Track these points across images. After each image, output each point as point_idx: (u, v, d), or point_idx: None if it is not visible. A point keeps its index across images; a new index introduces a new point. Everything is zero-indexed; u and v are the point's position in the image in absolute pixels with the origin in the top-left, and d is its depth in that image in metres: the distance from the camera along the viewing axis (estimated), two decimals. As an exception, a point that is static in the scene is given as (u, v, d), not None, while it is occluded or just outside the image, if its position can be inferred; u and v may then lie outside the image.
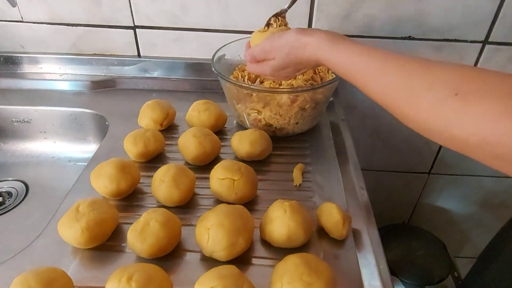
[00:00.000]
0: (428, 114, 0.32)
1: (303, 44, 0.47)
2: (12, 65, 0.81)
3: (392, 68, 0.37)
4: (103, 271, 0.43)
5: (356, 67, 0.42)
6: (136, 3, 0.73)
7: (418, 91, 0.33)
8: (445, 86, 0.31)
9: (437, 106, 0.31)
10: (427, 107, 0.32)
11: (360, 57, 0.42)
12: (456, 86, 0.31)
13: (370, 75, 0.40)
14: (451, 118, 0.30)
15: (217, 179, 0.50)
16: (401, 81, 0.36)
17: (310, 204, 0.52)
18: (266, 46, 0.51)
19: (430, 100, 0.32)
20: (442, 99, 0.31)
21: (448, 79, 0.32)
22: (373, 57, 0.40)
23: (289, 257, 0.40)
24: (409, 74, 0.35)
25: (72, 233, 0.43)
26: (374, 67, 0.39)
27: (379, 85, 0.38)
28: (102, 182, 0.50)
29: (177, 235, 0.45)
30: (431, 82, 0.33)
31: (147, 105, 0.66)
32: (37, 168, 0.74)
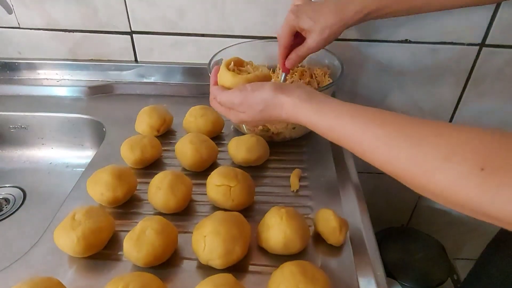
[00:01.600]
0: (449, 189, 0.29)
1: (280, 103, 0.42)
2: (9, 71, 0.81)
3: (396, 135, 0.33)
4: (100, 280, 0.43)
5: (348, 132, 0.36)
6: (133, 8, 0.73)
7: (434, 163, 0.29)
8: (466, 159, 0.28)
9: (460, 183, 0.28)
10: (447, 182, 0.29)
11: (352, 121, 0.36)
12: (479, 159, 0.27)
13: (369, 144, 0.34)
14: (480, 197, 0.27)
15: (214, 185, 0.50)
16: (410, 151, 0.31)
17: (307, 210, 0.52)
18: (236, 99, 0.45)
19: (450, 175, 0.28)
20: (466, 175, 0.28)
21: (468, 149, 0.28)
22: (369, 118, 0.35)
23: (285, 265, 0.40)
24: (419, 142, 0.31)
25: (68, 242, 0.43)
26: (373, 134, 0.34)
27: (383, 155, 0.33)
28: (99, 190, 0.50)
29: (173, 243, 0.45)
30: (445, 152, 0.29)
31: (144, 111, 0.66)
32: (34, 174, 0.74)
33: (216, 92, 0.48)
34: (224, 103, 0.47)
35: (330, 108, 0.39)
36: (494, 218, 0.27)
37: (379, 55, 0.76)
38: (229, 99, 0.46)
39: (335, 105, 0.39)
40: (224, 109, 0.48)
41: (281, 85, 0.43)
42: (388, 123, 0.34)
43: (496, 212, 0.26)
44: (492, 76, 0.78)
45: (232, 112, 0.47)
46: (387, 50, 0.76)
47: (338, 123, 0.37)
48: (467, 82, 0.79)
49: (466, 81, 0.79)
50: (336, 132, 0.38)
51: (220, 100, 0.47)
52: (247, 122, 0.47)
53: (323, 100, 0.40)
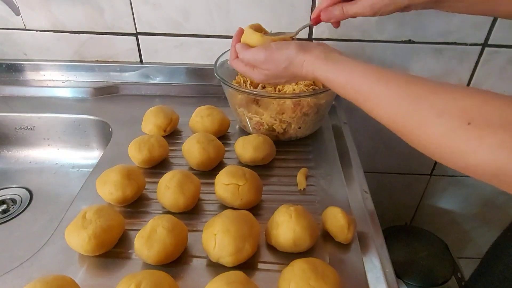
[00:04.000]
0: (439, 143, 0.32)
1: (300, 61, 0.45)
2: (15, 73, 0.81)
3: (398, 91, 0.36)
4: (111, 278, 0.43)
5: (358, 88, 0.39)
6: (138, 10, 0.74)
7: (427, 119, 0.32)
8: (456, 115, 0.30)
9: (448, 135, 0.31)
10: (438, 135, 0.31)
11: (363, 78, 0.39)
12: (467, 115, 0.30)
13: (374, 99, 0.37)
14: (464, 148, 0.30)
15: (222, 184, 0.51)
16: (408, 107, 0.34)
17: (315, 208, 0.53)
18: (261, 57, 0.48)
19: (441, 129, 0.31)
20: (454, 129, 0.30)
21: (458, 106, 0.31)
22: (376, 78, 0.38)
23: (296, 262, 0.41)
24: (417, 100, 0.34)
25: (79, 240, 0.43)
26: (378, 90, 0.37)
27: (385, 110, 0.36)
28: (108, 189, 0.50)
29: (184, 241, 0.45)
30: (440, 109, 0.32)
31: (151, 111, 0.67)
32: (40, 175, 0.75)
33: (240, 49, 0.50)
34: (248, 60, 0.49)
35: (344, 66, 0.41)
36: (475, 169, 0.30)
37: (382, 55, 0.77)
38: (254, 56, 0.48)
39: (349, 64, 0.41)
40: (247, 67, 0.50)
41: (303, 44, 0.46)
42: (393, 82, 0.36)
43: (477, 162, 0.29)
44: (495, 76, 0.78)
45: (256, 70, 0.49)
46: (390, 50, 0.76)
47: (349, 81, 0.40)
48: (470, 82, 0.80)
49: (469, 81, 0.80)
50: (347, 89, 0.41)
51: (244, 57, 0.49)
52: (269, 79, 0.49)
53: (339, 59, 0.43)
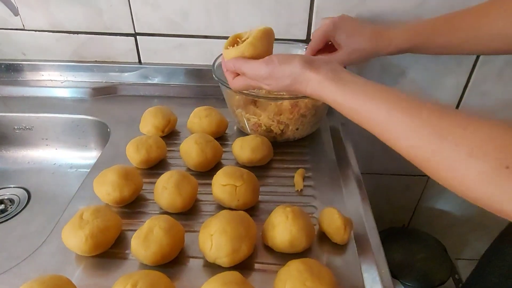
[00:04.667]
0: (470, 186, 0.28)
1: (306, 79, 0.42)
2: (13, 73, 0.81)
3: (420, 121, 0.31)
4: (107, 279, 0.43)
5: (372, 116, 0.35)
6: (137, 10, 0.74)
7: (456, 158, 0.29)
8: (492, 156, 0.27)
9: (482, 179, 0.27)
10: (470, 177, 0.28)
11: (377, 104, 0.35)
12: (505, 157, 0.27)
13: (392, 129, 0.34)
14: (501, 195, 0.27)
15: (219, 185, 0.51)
16: (433, 142, 0.30)
17: (312, 209, 0.53)
18: (262, 72, 0.44)
19: (473, 171, 0.28)
20: (489, 172, 0.27)
21: (495, 146, 0.27)
22: (393, 104, 0.34)
23: (292, 263, 0.41)
24: (444, 135, 0.30)
25: (76, 240, 0.43)
26: (397, 120, 0.33)
27: (406, 143, 0.33)
28: (105, 189, 0.51)
29: (181, 241, 0.45)
30: (472, 147, 0.28)
31: (149, 111, 0.67)
32: (39, 175, 0.75)
33: (239, 63, 0.46)
34: (248, 74, 0.46)
35: (355, 89, 0.38)
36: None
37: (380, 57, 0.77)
38: (255, 71, 0.45)
39: (361, 87, 0.38)
40: (244, 82, 0.48)
41: (309, 60, 0.42)
42: (414, 110, 0.32)
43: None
44: (492, 79, 0.78)
45: (258, 85, 0.47)
46: (388, 52, 0.76)
47: (362, 107, 0.36)
48: (467, 85, 0.80)
49: (466, 84, 0.80)
50: (361, 115, 0.37)
51: (245, 71, 0.46)
52: (272, 91, 0.47)
53: (350, 80, 0.39)
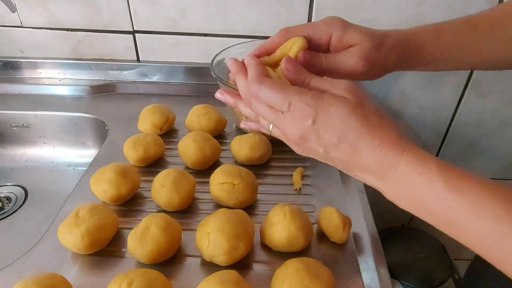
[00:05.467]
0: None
1: (389, 146, 0.29)
2: (11, 70, 0.81)
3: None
4: (104, 277, 0.43)
5: (451, 219, 0.27)
6: (135, 8, 0.74)
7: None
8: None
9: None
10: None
11: (455, 201, 0.26)
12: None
13: (475, 234, 0.26)
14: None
15: (217, 183, 0.50)
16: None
17: (310, 208, 0.53)
18: (334, 115, 0.29)
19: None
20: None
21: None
22: (477, 204, 0.26)
23: (289, 262, 0.40)
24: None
25: (72, 238, 0.43)
26: (487, 227, 0.25)
27: (500, 253, 0.26)
28: (102, 187, 0.50)
29: (178, 240, 0.45)
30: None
31: (147, 109, 0.66)
32: (36, 173, 0.74)
33: (256, 86, 0.31)
34: (272, 103, 0.31)
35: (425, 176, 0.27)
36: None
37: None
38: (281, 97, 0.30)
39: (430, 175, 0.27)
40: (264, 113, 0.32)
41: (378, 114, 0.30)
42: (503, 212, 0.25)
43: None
44: (493, 77, 0.78)
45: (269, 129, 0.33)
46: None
47: (437, 207, 0.27)
48: (468, 82, 0.79)
49: (467, 81, 0.79)
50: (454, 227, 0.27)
51: (265, 99, 0.31)
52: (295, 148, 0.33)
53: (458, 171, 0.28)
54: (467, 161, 0.91)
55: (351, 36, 0.36)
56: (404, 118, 0.85)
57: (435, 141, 0.89)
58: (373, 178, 0.30)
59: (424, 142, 0.89)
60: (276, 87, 0.31)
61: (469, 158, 0.90)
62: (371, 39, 0.36)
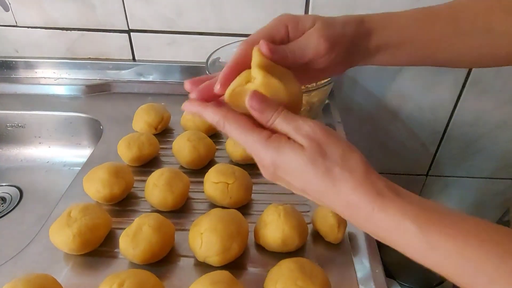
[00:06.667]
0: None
1: (357, 201, 0.28)
2: (6, 70, 0.80)
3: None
4: (96, 277, 0.42)
5: (440, 273, 0.26)
6: (131, 7, 0.73)
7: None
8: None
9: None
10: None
11: (443, 263, 0.25)
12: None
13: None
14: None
15: (211, 183, 0.50)
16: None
17: (306, 207, 0.52)
18: (291, 168, 0.29)
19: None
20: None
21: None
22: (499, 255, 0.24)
23: (283, 262, 0.40)
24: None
25: (64, 239, 0.43)
26: (480, 285, 0.24)
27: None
28: (95, 187, 0.50)
29: (170, 240, 0.44)
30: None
31: (142, 108, 0.66)
32: (31, 173, 0.74)
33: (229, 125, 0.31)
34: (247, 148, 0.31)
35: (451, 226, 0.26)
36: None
37: (377, 53, 0.76)
38: (254, 150, 0.30)
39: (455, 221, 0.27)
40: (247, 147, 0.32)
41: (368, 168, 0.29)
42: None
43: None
44: (491, 75, 0.77)
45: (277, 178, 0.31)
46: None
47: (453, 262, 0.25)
48: (466, 81, 0.79)
49: (465, 80, 0.79)
50: (447, 272, 0.26)
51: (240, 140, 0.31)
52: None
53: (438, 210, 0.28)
54: (465, 160, 0.90)
55: (304, 20, 0.36)
56: (402, 118, 0.85)
57: (433, 140, 0.88)
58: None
59: (422, 141, 0.88)
60: (239, 131, 0.31)
61: (467, 158, 0.90)
62: (322, 19, 0.36)
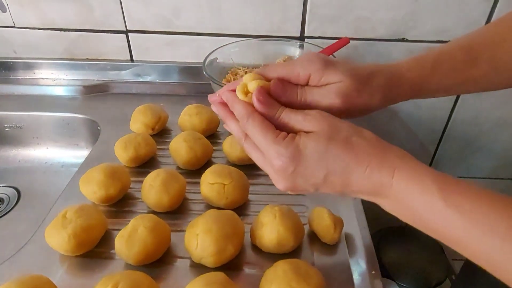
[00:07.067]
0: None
1: (379, 164, 0.29)
2: (4, 71, 0.81)
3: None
4: (91, 279, 0.42)
5: (455, 237, 0.27)
6: (128, 7, 0.73)
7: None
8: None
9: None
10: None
11: (457, 220, 0.26)
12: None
13: (481, 252, 0.26)
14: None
15: (208, 183, 0.50)
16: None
17: (302, 208, 0.52)
18: (313, 155, 0.30)
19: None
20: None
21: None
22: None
23: (278, 263, 0.40)
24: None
25: (59, 240, 0.42)
26: (492, 246, 0.25)
27: (507, 270, 0.25)
28: (91, 188, 0.50)
29: (166, 241, 0.44)
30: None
31: (139, 109, 0.66)
32: (29, 174, 0.74)
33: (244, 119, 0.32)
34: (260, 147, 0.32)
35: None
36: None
37: (376, 53, 0.76)
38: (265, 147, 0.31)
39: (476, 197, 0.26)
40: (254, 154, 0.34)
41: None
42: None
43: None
44: (490, 75, 0.77)
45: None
46: (384, 49, 0.75)
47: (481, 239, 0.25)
48: (465, 81, 0.79)
49: (463, 80, 0.79)
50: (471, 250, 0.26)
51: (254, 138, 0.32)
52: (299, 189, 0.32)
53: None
54: (464, 159, 0.90)
55: (331, 76, 0.33)
56: (401, 117, 0.85)
57: (432, 140, 0.88)
58: (370, 197, 0.31)
59: (421, 140, 0.88)
60: (258, 129, 0.32)
61: (466, 157, 0.89)
62: (353, 80, 0.33)
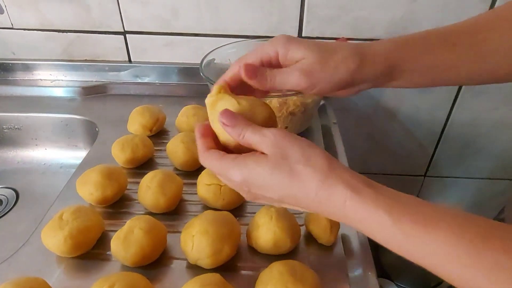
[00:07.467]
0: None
1: (328, 194, 0.28)
2: (3, 72, 0.81)
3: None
4: (88, 280, 0.42)
5: (417, 261, 0.27)
6: (126, 8, 0.73)
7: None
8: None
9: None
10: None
11: (418, 250, 0.26)
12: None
13: (444, 275, 0.26)
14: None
15: (204, 185, 0.50)
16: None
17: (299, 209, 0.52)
18: (259, 180, 0.30)
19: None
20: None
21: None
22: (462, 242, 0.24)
23: (274, 265, 0.40)
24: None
25: (55, 241, 0.43)
26: (454, 271, 0.25)
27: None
28: (88, 189, 0.50)
29: (162, 242, 0.44)
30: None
31: (136, 110, 0.66)
32: (28, 175, 0.74)
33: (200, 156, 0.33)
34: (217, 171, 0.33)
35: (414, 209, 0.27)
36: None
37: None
38: (249, 176, 0.30)
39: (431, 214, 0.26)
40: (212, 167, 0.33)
41: (331, 163, 0.29)
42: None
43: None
44: (488, 75, 0.77)
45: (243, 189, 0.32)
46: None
47: (439, 256, 0.25)
48: (463, 81, 0.78)
49: (462, 80, 0.78)
50: (430, 264, 0.26)
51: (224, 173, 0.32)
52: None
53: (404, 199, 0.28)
54: (463, 160, 0.90)
55: (294, 52, 0.35)
56: (399, 118, 0.84)
57: (430, 141, 0.88)
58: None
59: (419, 141, 0.88)
60: (215, 162, 0.32)
61: (464, 158, 0.89)
62: (316, 53, 0.34)
